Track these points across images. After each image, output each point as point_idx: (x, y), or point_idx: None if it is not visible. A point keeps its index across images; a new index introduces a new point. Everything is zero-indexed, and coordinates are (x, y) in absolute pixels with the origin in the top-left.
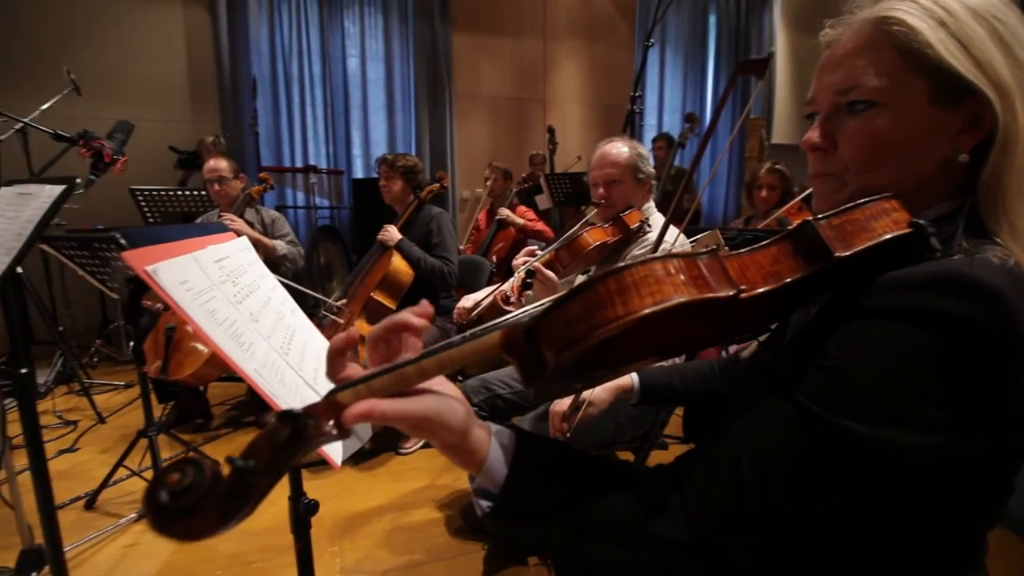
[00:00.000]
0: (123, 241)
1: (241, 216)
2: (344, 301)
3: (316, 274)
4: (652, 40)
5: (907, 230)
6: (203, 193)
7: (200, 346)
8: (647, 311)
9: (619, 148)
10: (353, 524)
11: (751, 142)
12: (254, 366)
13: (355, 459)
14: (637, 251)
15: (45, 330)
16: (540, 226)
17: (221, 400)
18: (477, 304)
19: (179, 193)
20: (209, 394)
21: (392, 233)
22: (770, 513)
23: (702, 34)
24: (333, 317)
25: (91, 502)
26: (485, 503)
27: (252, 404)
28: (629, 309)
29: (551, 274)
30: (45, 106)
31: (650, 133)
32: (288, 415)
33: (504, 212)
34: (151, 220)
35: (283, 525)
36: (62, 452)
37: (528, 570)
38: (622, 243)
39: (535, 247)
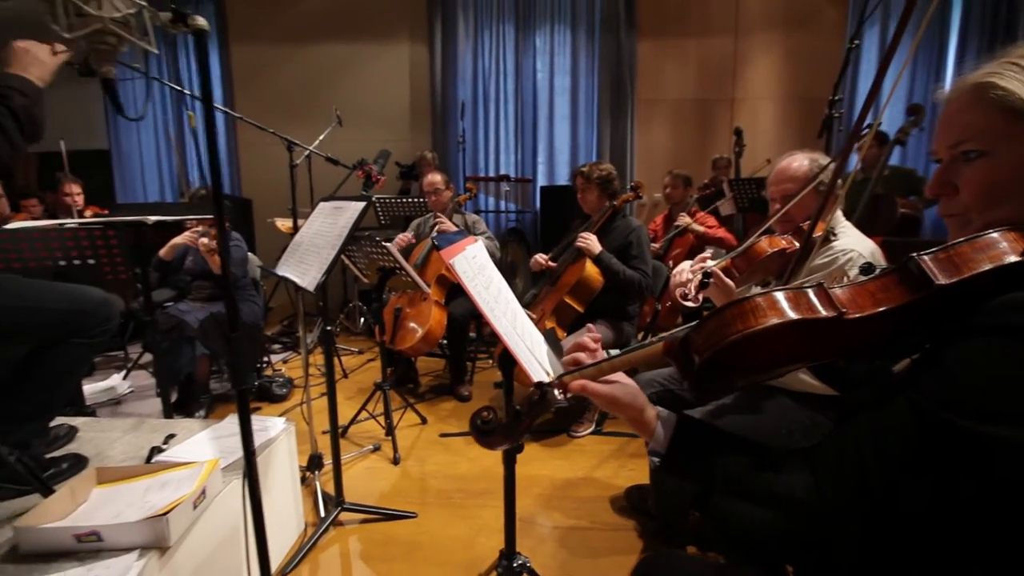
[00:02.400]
0: (436, 243)
1: (450, 219)
2: (532, 293)
3: (502, 272)
4: (856, 41)
5: (1018, 259)
6: (421, 200)
7: (415, 326)
8: (754, 329)
9: (799, 162)
10: (529, 484)
11: None
12: (502, 330)
13: (534, 435)
14: (820, 261)
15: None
16: (721, 233)
17: (425, 372)
18: (684, 294)
19: (403, 200)
20: (417, 365)
21: (593, 244)
22: (885, 494)
23: (942, 8)
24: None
25: (343, 432)
26: (655, 459)
27: (448, 376)
28: (744, 327)
29: (728, 280)
30: (321, 136)
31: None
32: (540, 384)
33: (683, 219)
34: (383, 221)
35: (478, 475)
36: (322, 395)
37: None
38: (803, 253)
39: (711, 251)
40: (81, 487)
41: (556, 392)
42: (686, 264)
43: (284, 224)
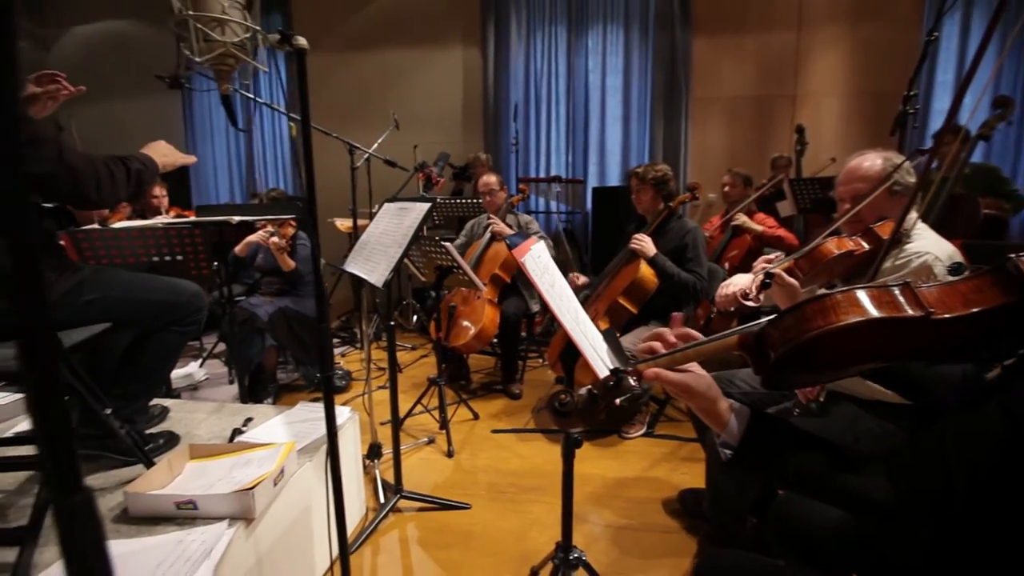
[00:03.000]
0: (508, 243)
1: (503, 220)
2: (584, 294)
3: None
4: (935, 33)
5: None
6: (474, 201)
7: (468, 323)
8: (836, 326)
9: (871, 161)
10: (581, 482)
11: None
12: (568, 326)
13: (585, 434)
14: (892, 264)
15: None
16: (781, 232)
17: (477, 369)
18: (744, 293)
19: (456, 200)
20: (469, 362)
21: (648, 246)
22: (967, 499)
23: None
24: None
25: (400, 424)
26: (727, 451)
27: (499, 374)
28: (825, 323)
29: (791, 280)
30: (380, 140)
31: (938, 121)
32: (615, 371)
33: (741, 218)
34: (436, 221)
35: (529, 471)
36: (379, 388)
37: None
38: (872, 254)
39: (775, 254)
40: (177, 461)
41: (631, 379)
42: (738, 278)
43: (343, 224)
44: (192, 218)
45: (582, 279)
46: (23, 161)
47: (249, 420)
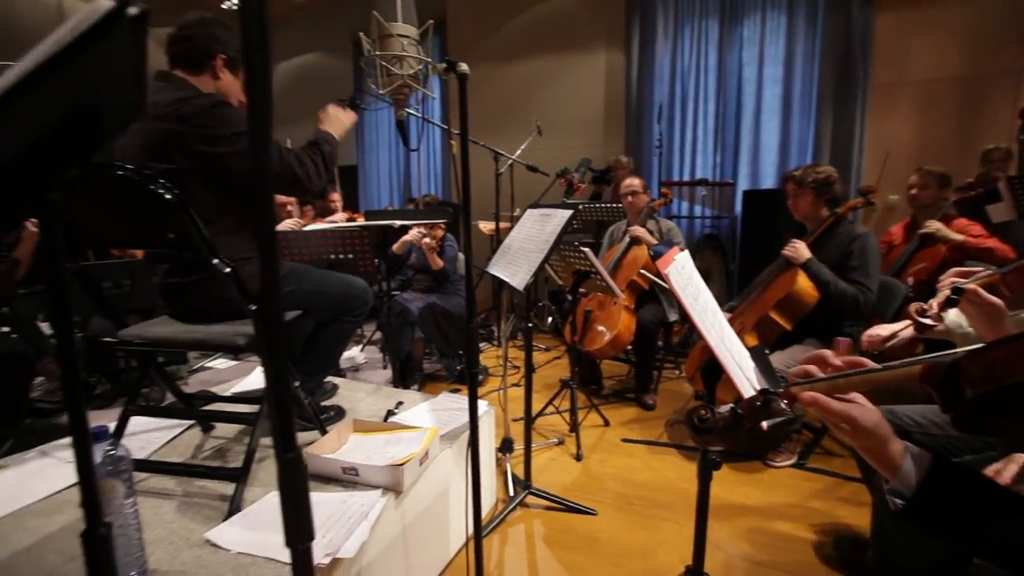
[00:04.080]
0: (652, 253)
1: (643, 226)
2: (729, 305)
3: None
4: None
5: None
6: (614, 205)
7: (604, 329)
8: None
9: None
10: (717, 507)
11: None
12: (712, 342)
13: (725, 456)
14: None
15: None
16: (991, 243)
17: (609, 375)
18: (893, 335)
19: (594, 205)
20: (602, 367)
21: (801, 251)
22: None
23: None
24: None
25: (531, 422)
26: (897, 501)
27: (632, 382)
28: None
29: (992, 298)
30: (523, 146)
31: None
32: (765, 391)
33: (934, 225)
34: (575, 225)
35: (660, 487)
36: (513, 385)
37: None
38: None
39: (981, 268)
40: (344, 432)
41: (781, 402)
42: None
43: (487, 227)
44: (362, 222)
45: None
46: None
47: (400, 404)
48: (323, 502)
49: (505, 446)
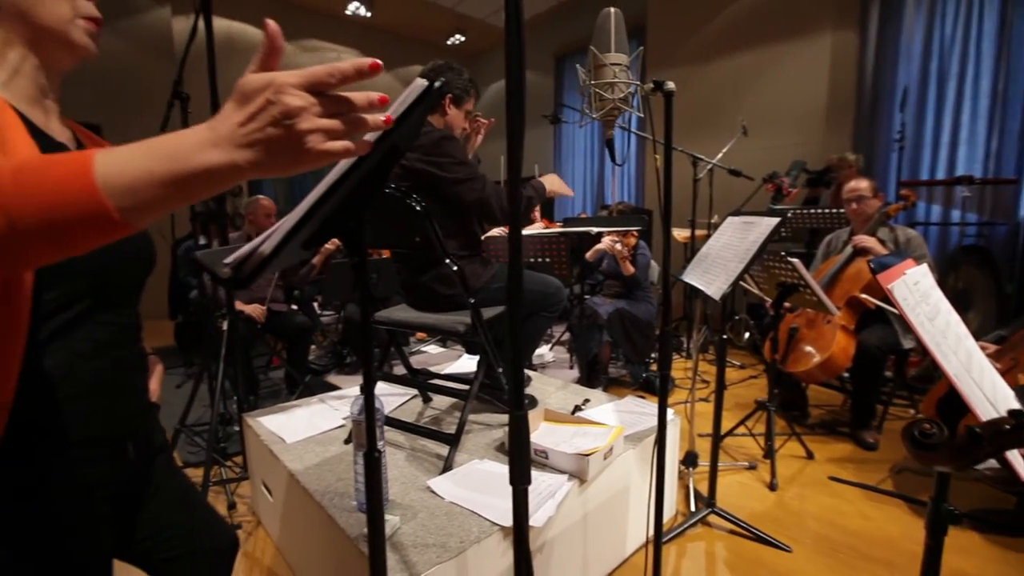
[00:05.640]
0: (873, 265)
1: (873, 235)
2: (997, 334)
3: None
4: None
5: None
6: (833, 211)
7: (812, 350)
8: None
9: None
10: None
11: None
12: (952, 371)
13: (973, 520)
14: None
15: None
16: None
17: (817, 402)
18: None
19: (808, 211)
20: (808, 392)
21: None
22: None
23: None
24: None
25: (720, 440)
26: None
27: (846, 415)
28: None
29: None
30: (724, 149)
31: None
32: (1018, 412)
33: None
34: (784, 233)
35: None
36: (701, 400)
37: None
38: None
39: None
40: (536, 418)
41: None
42: None
43: (681, 234)
44: (561, 229)
45: (990, 348)
46: (469, 190)
47: (587, 401)
48: None
49: (689, 460)
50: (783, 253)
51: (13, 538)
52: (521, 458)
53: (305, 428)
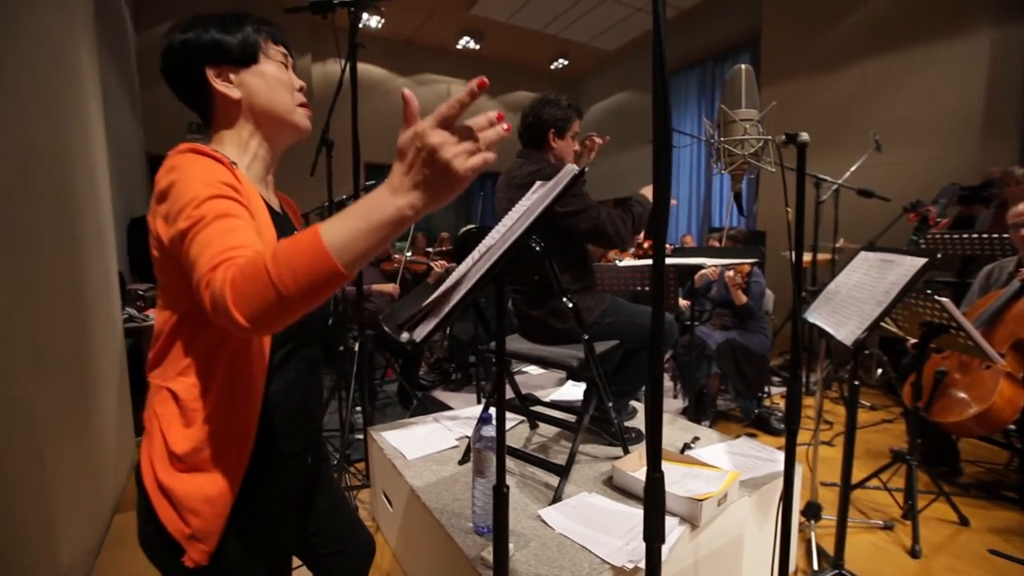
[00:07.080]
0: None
1: None
2: None
3: None
4: None
5: None
6: (994, 236)
7: (967, 398)
8: None
9: None
10: None
11: None
12: None
13: None
14: None
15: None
16: None
17: (973, 458)
18: None
19: (957, 236)
20: (960, 446)
21: None
22: None
23: None
24: None
25: (849, 491)
26: None
27: (1013, 476)
28: None
29: None
30: (853, 167)
31: None
32: None
33: None
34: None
35: None
36: (824, 443)
37: None
38: None
39: None
40: (643, 454)
41: None
42: None
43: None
44: (669, 259)
45: None
46: (583, 220)
47: (697, 439)
48: (626, 513)
49: (810, 511)
50: (928, 290)
51: (245, 537)
52: (656, 517)
53: (422, 445)
